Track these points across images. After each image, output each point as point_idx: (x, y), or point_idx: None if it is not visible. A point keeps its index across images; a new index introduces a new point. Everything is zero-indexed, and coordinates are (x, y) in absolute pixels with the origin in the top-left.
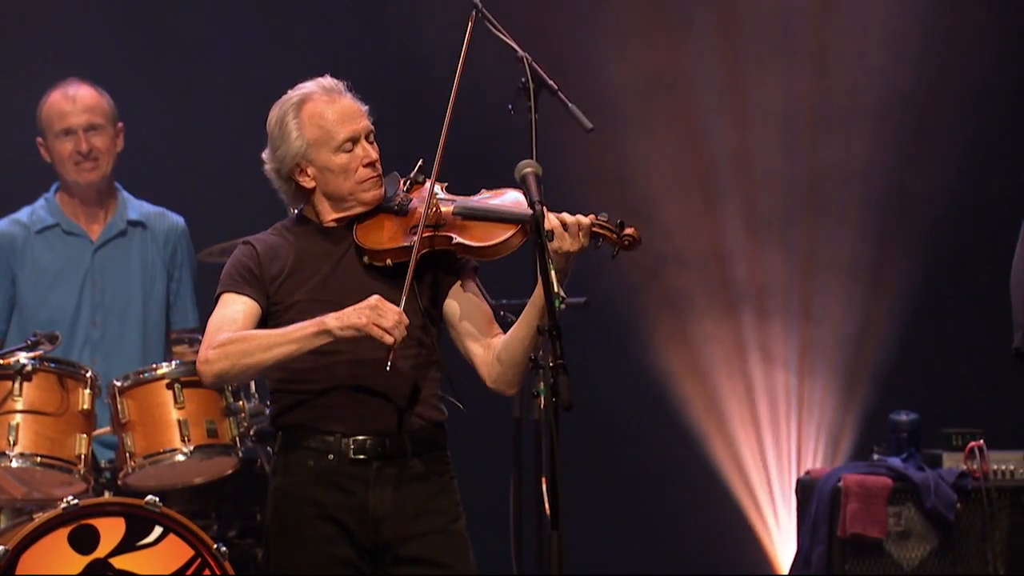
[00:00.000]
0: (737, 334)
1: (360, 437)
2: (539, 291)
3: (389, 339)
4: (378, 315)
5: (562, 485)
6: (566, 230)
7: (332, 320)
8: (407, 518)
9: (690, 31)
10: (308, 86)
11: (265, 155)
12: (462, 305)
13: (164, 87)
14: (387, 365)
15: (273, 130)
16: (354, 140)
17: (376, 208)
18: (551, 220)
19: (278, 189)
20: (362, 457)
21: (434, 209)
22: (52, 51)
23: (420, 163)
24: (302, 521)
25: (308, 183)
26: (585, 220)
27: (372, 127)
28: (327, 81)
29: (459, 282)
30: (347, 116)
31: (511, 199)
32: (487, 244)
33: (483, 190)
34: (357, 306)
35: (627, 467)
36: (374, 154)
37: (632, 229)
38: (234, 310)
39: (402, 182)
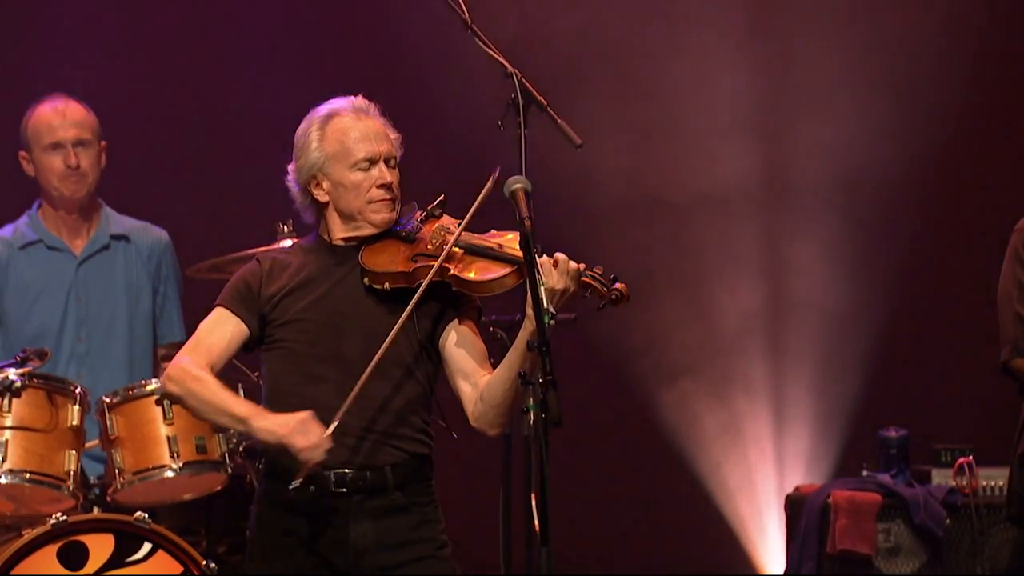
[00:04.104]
0: (727, 350)
1: (341, 470)
2: (522, 335)
3: (304, 456)
4: (302, 430)
5: (551, 502)
6: (556, 267)
7: (260, 419)
8: (389, 549)
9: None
10: (339, 102)
11: (290, 165)
12: (458, 341)
13: (152, 104)
14: (296, 481)
15: (298, 140)
16: (372, 160)
17: (385, 232)
18: (542, 257)
19: (296, 200)
20: (343, 490)
21: (441, 241)
22: (36, 67)
23: (442, 198)
24: (282, 550)
25: (322, 196)
26: (574, 264)
27: (395, 154)
28: (359, 101)
29: (459, 319)
30: (370, 136)
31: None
32: (481, 280)
33: (492, 230)
34: (288, 417)
35: (614, 484)
36: (389, 178)
37: (622, 285)
38: (221, 332)
39: (418, 213)
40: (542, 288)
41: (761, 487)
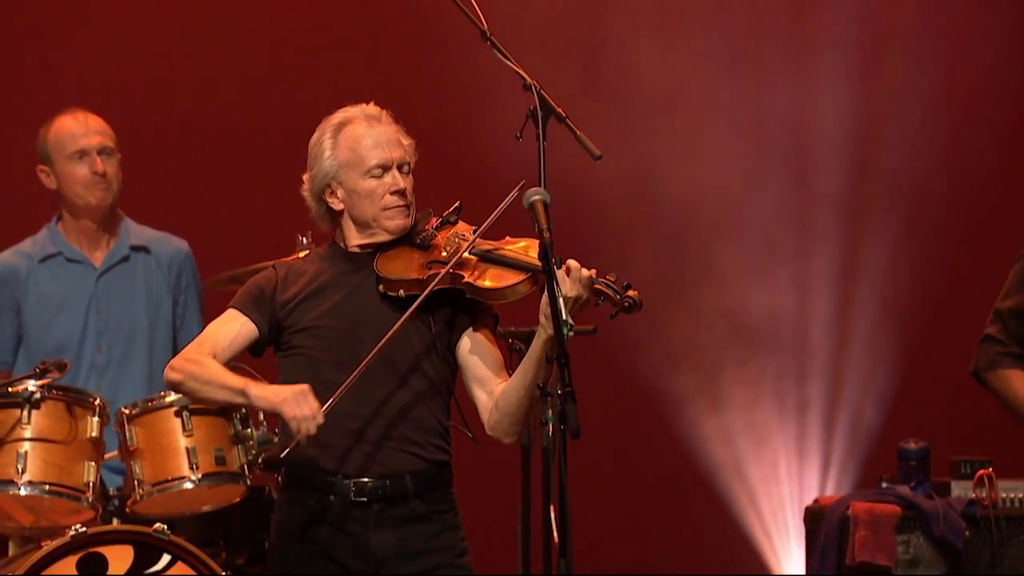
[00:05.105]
0: (745, 363)
1: (361, 479)
2: (536, 343)
3: (295, 426)
4: (297, 402)
5: (570, 513)
6: (568, 275)
7: (255, 388)
8: (409, 558)
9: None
10: (351, 110)
11: (305, 175)
12: (474, 348)
13: (171, 115)
14: (284, 453)
15: (312, 149)
16: (384, 167)
17: (401, 239)
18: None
19: (311, 210)
20: (363, 499)
21: (455, 249)
22: (51, 79)
23: (457, 204)
24: (302, 559)
25: (337, 204)
26: (586, 272)
27: (408, 159)
28: (371, 108)
29: (475, 326)
30: (382, 143)
31: (532, 248)
32: (495, 288)
33: (507, 237)
34: (285, 387)
35: (632, 496)
36: (402, 184)
37: (634, 292)
38: (229, 328)
39: (434, 220)
40: (560, 300)
41: (780, 499)
